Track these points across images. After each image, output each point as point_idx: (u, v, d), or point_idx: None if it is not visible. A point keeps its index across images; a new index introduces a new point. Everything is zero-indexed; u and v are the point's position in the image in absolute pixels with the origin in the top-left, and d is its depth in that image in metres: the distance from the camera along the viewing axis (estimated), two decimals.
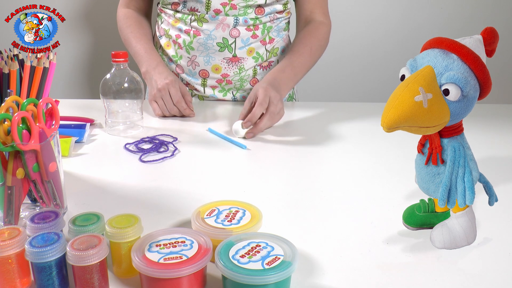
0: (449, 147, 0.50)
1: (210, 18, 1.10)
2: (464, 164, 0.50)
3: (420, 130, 0.48)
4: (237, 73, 1.15)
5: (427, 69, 0.47)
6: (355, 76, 1.83)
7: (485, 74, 0.48)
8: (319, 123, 1.05)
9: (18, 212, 0.58)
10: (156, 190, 0.72)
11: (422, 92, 0.45)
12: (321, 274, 0.51)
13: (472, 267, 0.53)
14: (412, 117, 0.45)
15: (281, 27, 1.19)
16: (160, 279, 0.45)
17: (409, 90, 0.46)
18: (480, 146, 0.89)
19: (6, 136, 0.55)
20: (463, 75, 0.46)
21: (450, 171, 0.50)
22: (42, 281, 0.47)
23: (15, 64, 0.67)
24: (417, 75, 0.47)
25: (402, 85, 0.47)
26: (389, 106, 0.46)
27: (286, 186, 0.75)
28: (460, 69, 0.47)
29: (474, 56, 0.47)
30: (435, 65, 0.48)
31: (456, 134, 0.51)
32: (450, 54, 0.48)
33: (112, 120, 0.97)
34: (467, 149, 0.51)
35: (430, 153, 0.52)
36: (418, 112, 0.45)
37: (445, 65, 0.47)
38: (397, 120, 0.45)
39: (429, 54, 0.49)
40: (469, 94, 0.47)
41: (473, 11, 1.76)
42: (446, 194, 0.50)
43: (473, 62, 0.47)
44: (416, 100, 0.45)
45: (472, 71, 0.47)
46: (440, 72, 0.47)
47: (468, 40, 0.49)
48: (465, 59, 0.47)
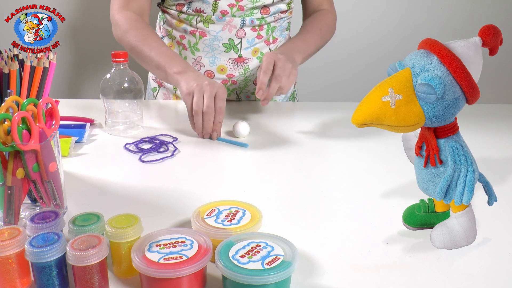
0: (446, 147, 0.50)
1: (216, 19, 1.10)
2: (467, 162, 0.50)
3: (390, 128, 0.49)
4: (242, 74, 1.15)
5: (404, 71, 0.48)
6: (355, 76, 1.83)
7: (465, 77, 0.47)
8: (320, 123, 1.05)
9: (18, 212, 0.58)
10: (156, 190, 0.72)
11: (391, 92, 0.47)
12: (321, 274, 0.52)
13: (472, 267, 0.53)
14: (379, 116, 0.48)
15: (284, 27, 1.20)
16: (160, 279, 0.45)
17: (379, 90, 0.48)
18: (479, 146, 0.89)
19: (6, 136, 0.55)
20: (438, 76, 0.46)
21: (453, 168, 0.50)
22: (42, 281, 0.47)
23: (15, 64, 0.67)
24: (392, 77, 0.49)
25: (376, 85, 0.49)
26: (360, 104, 0.49)
27: (286, 186, 0.75)
28: (436, 70, 0.47)
29: (452, 58, 0.47)
30: (413, 66, 0.48)
31: (451, 133, 0.51)
32: (431, 55, 0.48)
33: (112, 120, 0.97)
34: (465, 147, 0.51)
35: (427, 155, 0.52)
36: (384, 111, 0.47)
37: (422, 66, 0.48)
38: (364, 118, 0.48)
39: (414, 54, 0.49)
40: (445, 96, 0.47)
41: (473, 11, 1.76)
42: (445, 189, 0.50)
43: (451, 64, 0.47)
44: (383, 100, 0.47)
45: (450, 73, 0.47)
46: (416, 73, 0.48)
47: (460, 43, 0.48)
48: (443, 61, 0.47)
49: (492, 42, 0.49)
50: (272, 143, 0.92)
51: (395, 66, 0.50)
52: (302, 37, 1.15)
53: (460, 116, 0.51)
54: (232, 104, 1.18)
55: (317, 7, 1.23)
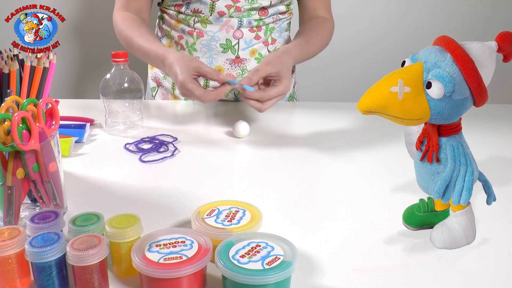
0: (447, 146, 0.50)
1: (214, 20, 1.10)
2: (466, 162, 0.50)
3: (394, 119, 0.49)
4: (240, 74, 1.15)
5: (417, 65, 0.48)
6: (354, 76, 1.83)
7: (475, 79, 0.47)
8: (319, 123, 1.05)
9: (18, 212, 0.58)
10: (156, 190, 0.72)
11: (400, 84, 0.47)
12: (321, 274, 0.52)
13: (472, 267, 0.53)
14: (385, 106, 0.47)
15: (283, 27, 1.19)
16: (160, 279, 0.45)
17: (389, 80, 0.48)
18: (479, 146, 0.89)
19: (6, 136, 0.55)
20: (449, 74, 0.46)
21: (452, 168, 0.50)
22: (42, 281, 0.47)
23: (15, 64, 0.67)
24: (404, 68, 0.48)
25: (386, 75, 0.48)
26: (368, 91, 0.49)
27: (286, 186, 0.75)
28: (448, 68, 0.47)
29: (466, 59, 0.47)
30: (426, 61, 0.48)
31: (454, 133, 0.51)
32: (445, 53, 0.48)
33: (112, 120, 0.97)
34: (466, 148, 0.51)
35: (426, 150, 0.52)
36: (391, 102, 0.47)
37: (435, 62, 0.48)
38: (370, 106, 0.48)
39: (428, 50, 0.49)
40: (453, 95, 0.47)
41: (473, 11, 1.76)
42: (443, 188, 0.50)
43: (464, 64, 0.47)
44: (392, 90, 0.47)
45: (461, 73, 0.47)
46: (428, 68, 0.48)
47: (475, 44, 0.48)
48: (456, 60, 0.47)
49: (508, 48, 0.49)
50: (272, 143, 0.92)
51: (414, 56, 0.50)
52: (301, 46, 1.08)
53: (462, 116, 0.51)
54: (231, 104, 1.18)
55: (312, 13, 1.20)
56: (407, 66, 0.49)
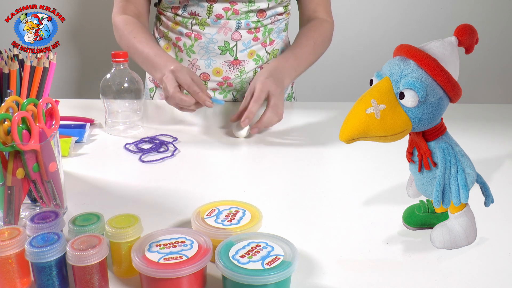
0: (437, 148, 0.50)
1: (211, 22, 1.10)
2: (456, 162, 0.50)
3: (379, 139, 0.49)
4: (238, 76, 1.15)
5: (384, 81, 0.48)
6: (353, 76, 1.83)
7: (444, 77, 0.47)
8: (319, 123, 1.05)
9: (18, 212, 0.58)
10: (156, 190, 0.72)
11: (374, 104, 0.47)
12: (321, 274, 0.52)
13: (472, 267, 0.53)
14: (366, 129, 0.48)
15: (281, 28, 1.19)
16: (160, 279, 0.45)
17: (362, 103, 0.48)
18: (479, 146, 0.89)
19: (6, 136, 0.55)
20: (418, 79, 0.46)
21: (442, 171, 0.50)
22: (42, 281, 0.47)
23: (15, 64, 0.67)
24: (373, 88, 0.48)
25: (358, 99, 0.48)
26: (345, 120, 0.49)
27: (286, 186, 0.75)
28: (415, 74, 0.47)
29: (429, 60, 0.47)
30: (392, 74, 0.48)
31: (440, 134, 0.51)
32: (407, 61, 0.48)
33: (112, 120, 0.97)
34: (455, 146, 0.51)
35: (420, 159, 0.52)
36: (370, 124, 0.47)
37: (400, 72, 0.48)
38: (351, 133, 0.48)
39: (390, 63, 0.49)
40: (428, 98, 0.47)
41: (473, 11, 1.76)
42: (440, 194, 0.50)
43: (429, 66, 0.47)
44: (367, 112, 0.47)
45: (429, 75, 0.47)
46: (395, 80, 0.48)
47: (435, 43, 0.48)
48: (420, 64, 0.47)
49: (468, 41, 0.49)
50: (271, 143, 0.92)
51: (379, 74, 0.50)
52: (295, 53, 1.09)
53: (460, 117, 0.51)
54: (230, 104, 1.18)
55: (312, 14, 1.19)
56: (375, 84, 0.49)
